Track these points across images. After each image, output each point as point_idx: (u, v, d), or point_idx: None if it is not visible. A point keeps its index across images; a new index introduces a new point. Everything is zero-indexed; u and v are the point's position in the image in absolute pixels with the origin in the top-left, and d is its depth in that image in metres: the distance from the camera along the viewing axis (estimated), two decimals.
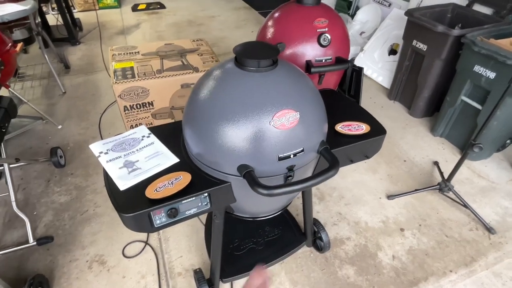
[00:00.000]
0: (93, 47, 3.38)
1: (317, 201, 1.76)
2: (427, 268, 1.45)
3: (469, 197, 1.76)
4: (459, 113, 2.05)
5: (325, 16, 1.31)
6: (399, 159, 2.04)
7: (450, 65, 2.06)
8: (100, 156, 0.93)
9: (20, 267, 1.41)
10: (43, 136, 2.17)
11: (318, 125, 0.86)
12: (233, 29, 3.88)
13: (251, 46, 0.85)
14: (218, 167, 0.83)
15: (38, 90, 2.64)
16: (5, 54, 1.70)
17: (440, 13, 2.29)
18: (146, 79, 1.66)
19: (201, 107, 0.81)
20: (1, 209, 1.66)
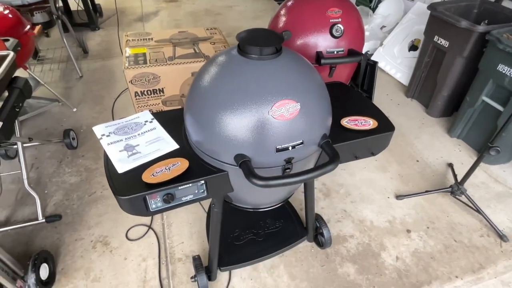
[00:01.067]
0: (112, 33, 3.42)
1: (323, 196, 1.73)
2: (431, 272, 1.41)
3: (483, 202, 1.69)
4: (479, 114, 1.96)
5: (339, 6, 1.26)
6: (412, 159, 1.98)
7: (473, 63, 1.96)
8: (102, 138, 0.94)
9: (28, 243, 1.47)
10: (58, 118, 2.23)
11: (321, 118, 0.84)
12: (250, 20, 3.84)
13: (256, 33, 0.83)
14: (216, 155, 0.82)
15: (56, 73, 2.70)
16: (23, 36, 1.74)
17: (466, 8, 2.18)
18: (158, 66, 1.67)
19: (200, 94, 0.80)
20: (14, 186, 1.72)
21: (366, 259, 1.45)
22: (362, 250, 1.48)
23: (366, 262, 1.44)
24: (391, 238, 1.54)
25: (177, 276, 1.36)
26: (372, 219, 1.62)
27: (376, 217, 1.63)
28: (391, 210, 1.67)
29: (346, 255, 1.46)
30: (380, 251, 1.48)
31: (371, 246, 1.50)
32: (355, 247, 1.49)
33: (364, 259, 1.45)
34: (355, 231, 1.56)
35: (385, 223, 1.61)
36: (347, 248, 1.49)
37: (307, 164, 0.90)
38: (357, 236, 1.54)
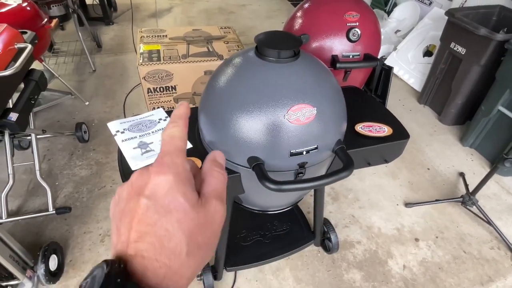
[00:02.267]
0: (125, 28, 3.45)
1: (331, 201, 1.72)
2: (439, 282, 1.39)
3: (494, 214, 1.66)
4: (494, 124, 1.92)
5: (356, 10, 1.25)
6: (423, 167, 1.95)
7: (489, 71, 1.93)
8: (116, 134, 0.95)
9: (39, 233, 1.49)
10: (70, 111, 2.25)
11: (336, 123, 0.83)
12: (263, 19, 3.83)
13: (274, 36, 0.82)
14: (229, 156, 0.82)
15: (70, 66, 2.74)
16: (40, 29, 1.76)
17: (484, 15, 2.14)
18: (171, 63, 1.67)
19: (216, 94, 0.80)
20: (26, 176, 1.75)
21: (373, 266, 1.44)
22: (369, 257, 1.47)
23: (372, 269, 1.43)
24: (398, 246, 1.52)
25: None
26: (380, 226, 1.61)
27: (384, 224, 1.61)
28: (400, 218, 1.65)
29: (352, 261, 1.45)
30: (387, 259, 1.47)
31: (378, 253, 1.49)
32: (362, 254, 1.48)
33: (371, 266, 1.43)
34: (362, 237, 1.55)
35: (393, 230, 1.59)
36: (354, 254, 1.48)
37: (319, 170, 0.89)
38: (365, 242, 1.53)
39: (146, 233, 0.26)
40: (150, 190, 0.27)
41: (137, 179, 0.29)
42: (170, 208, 0.27)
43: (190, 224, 0.27)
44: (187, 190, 0.28)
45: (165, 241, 0.26)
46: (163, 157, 0.29)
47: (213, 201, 0.30)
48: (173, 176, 0.28)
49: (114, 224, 0.28)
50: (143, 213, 0.26)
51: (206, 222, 0.28)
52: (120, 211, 0.28)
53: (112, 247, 0.27)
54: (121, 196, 0.29)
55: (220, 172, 0.33)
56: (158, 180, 0.27)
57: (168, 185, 0.27)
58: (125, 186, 0.29)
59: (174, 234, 0.26)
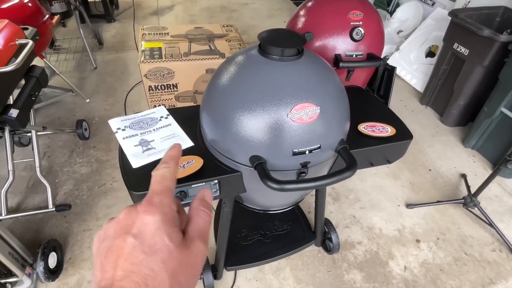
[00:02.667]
0: (127, 26, 3.44)
1: (332, 201, 1.71)
2: (440, 284, 1.38)
3: (496, 216, 1.65)
4: (496, 126, 1.91)
5: (360, 9, 1.24)
6: (424, 168, 1.94)
7: (492, 73, 1.92)
8: (117, 132, 0.94)
9: (38, 230, 1.48)
10: (71, 108, 2.25)
11: (339, 123, 0.82)
12: (265, 18, 3.82)
13: (277, 34, 0.81)
14: (231, 155, 0.81)
15: (71, 63, 2.73)
16: (42, 25, 1.75)
17: (487, 16, 2.13)
18: (173, 61, 1.66)
19: (218, 92, 0.79)
20: (26, 173, 1.74)
21: (374, 267, 1.43)
22: (369, 258, 1.46)
23: (373, 270, 1.42)
24: (399, 247, 1.52)
25: None
26: (381, 226, 1.60)
27: (385, 225, 1.61)
28: (401, 219, 1.64)
29: (353, 261, 1.44)
30: (388, 260, 1.46)
31: (379, 254, 1.48)
32: (362, 254, 1.47)
33: (372, 267, 1.43)
34: (363, 238, 1.54)
35: (394, 231, 1.58)
36: (354, 255, 1.47)
37: (322, 169, 0.89)
38: (365, 243, 1.52)
39: (132, 272, 0.27)
40: (137, 229, 0.29)
41: (125, 217, 0.30)
42: (156, 248, 0.28)
43: (174, 264, 0.28)
44: (173, 231, 0.30)
45: (150, 280, 0.27)
46: (152, 197, 0.31)
47: (197, 242, 0.32)
48: (161, 217, 0.29)
49: (98, 260, 0.29)
50: (130, 252, 0.28)
51: (189, 262, 0.30)
52: (105, 247, 0.29)
53: (95, 282, 0.28)
54: (108, 233, 0.30)
55: (206, 212, 0.35)
56: (146, 220, 0.29)
57: (156, 225, 0.29)
58: (112, 223, 0.30)
59: (159, 274, 0.27)
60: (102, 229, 0.31)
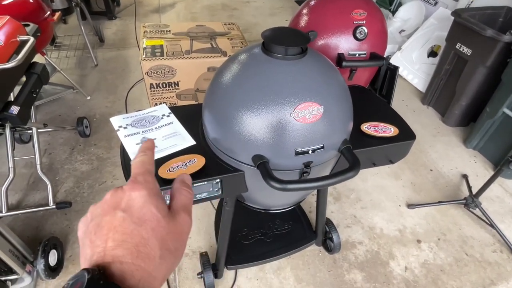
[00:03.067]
0: (128, 23, 3.43)
1: (333, 200, 1.71)
2: (441, 285, 1.38)
3: (497, 217, 1.65)
4: (498, 126, 1.91)
5: (364, 8, 1.23)
6: (425, 168, 1.94)
7: (495, 73, 1.91)
8: (119, 130, 0.93)
9: (38, 228, 1.48)
10: (72, 105, 2.24)
11: (343, 123, 0.82)
12: (267, 16, 3.80)
13: (281, 32, 0.80)
14: (233, 154, 0.80)
15: (72, 60, 2.72)
16: (43, 22, 1.75)
17: (491, 16, 2.12)
18: (174, 59, 1.66)
19: (221, 91, 0.79)
20: (27, 170, 1.74)
21: (374, 267, 1.43)
22: (370, 258, 1.46)
23: (374, 270, 1.42)
24: (400, 247, 1.51)
25: (183, 271, 1.36)
26: (382, 226, 1.60)
27: (386, 225, 1.60)
28: (402, 219, 1.64)
29: (354, 261, 1.44)
30: (389, 260, 1.46)
31: (379, 254, 1.48)
32: (363, 254, 1.47)
33: (372, 267, 1.43)
34: (364, 237, 1.54)
35: (395, 231, 1.58)
36: (355, 255, 1.47)
37: (324, 169, 0.88)
38: (366, 243, 1.52)
39: (123, 240, 0.28)
40: (126, 204, 0.31)
41: (111, 196, 0.32)
42: (145, 218, 0.30)
43: (162, 231, 0.31)
44: (159, 203, 0.32)
45: (141, 247, 0.29)
46: (136, 177, 0.33)
47: (182, 214, 0.34)
48: (147, 191, 0.32)
49: (87, 239, 0.30)
50: (120, 224, 0.29)
51: (176, 230, 0.32)
52: (94, 225, 0.30)
53: (85, 260, 0.29)
54: (95, 213, 0.31)
55: (188, 190, 0.38)
56: (133, 195, 0.31)
57: (143, 199, 0.31)
58: (99, 204, 0.32)
59: (149, 240, 0.29)
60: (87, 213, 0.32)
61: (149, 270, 0.28)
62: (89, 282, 0.24)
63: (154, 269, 0.29)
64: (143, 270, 0.28)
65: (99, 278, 0.25)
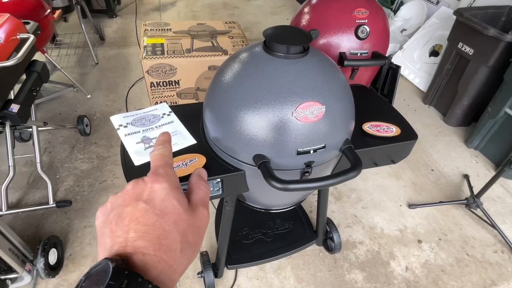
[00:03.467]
0: (129, 21, 3.42)
1: (333, 200, 1.70)
2: (441, 285, 1.37)
3: (498, 217, 1.64)
4: (500, 126, 1.90)
5: (366, 7, 1.22)
6: (427, 168, 1.93)
7: (497, 73, 1.90)
8: (119, 129, 0.93)
9: (39, 226, 1.48)
10: (72, 103, 2.24)
11: (344, 122, 0.81)
12: (268, 15, 3.79)
13: (283, 31, 0.80)
14: (234, 153, 0.80)
15: (72, 59, 2.71)
16: (43, 20, 1.74)
17: (493, 15, 2.11)
18: (175, 57, 1.65)
19: (222, 90, 0.78)
20: (26, 169, 1.73)
21: (375, 267, 1.42)
22: (371, 258, 1.46)
23: (374, 270, 1.41)
24: (401, 247, 1.51)
25: None
26: (383, 226, 1.59)
27: (387, 225, 1.60)
28: (403, 219, 1.63)
29: (354, 261, 1.44)
30: (390, 260, 1.45)
31: (380, 254, 1.47)
32: (364, 254, 1.47)
33: (373, 267, 1.42)
34: (365, 237, 1.54)
35: (396, 231, 1.58)
36: (356, 255, 1.46)
37: (326, 169, 0.88)
38: (367, 243, 1.51)
39: (145, 232, 0.28)
40: (147, 196, 0.31)
41: (133, 187, 0.32)
42: (167, 211, 0.30)
43: (183, 225, 0.31)
44: (180, 196, 0.32)
45: (163, 239, 0.28)
46: (157, 169, 0.34)
47: (200, 208, 0.35)
48: (168, 184, 0.32)
49: (107, 229, 0.30)
50: (142, 215, 0.29)
51: (195, 224, 0.33)
52: (115, 215, 0.30)
53: (105, 249, 0.29)
54: (115, 203, 0.31)
55: (205, 185, 0.38)
56: (155, 187, 0.31)
57: (165, 191, 0.31)
58: (120, 194, 0.32)
59: (170, 233, 0.29)
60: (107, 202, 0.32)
61: (170, 263, 0.28)
62: (114, 272, 0.24)
63: (175, 261, 0.29)
64: (165, 262, 0.28)
65: (123, 268, 0.25)
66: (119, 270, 0.24)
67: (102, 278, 0.24)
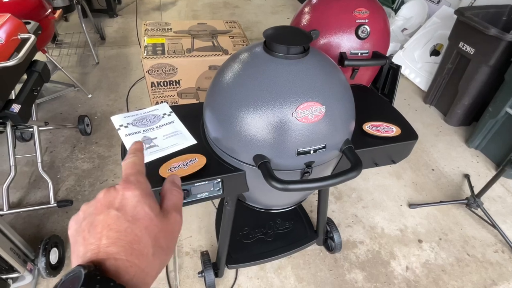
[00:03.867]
0: (129, 21, 3.42)
1: (334, 200, 1.70)
2: (442, 285, 1.38)
3: (499, 217, 1.64)
4: (501, 126, 1.90)
5: (366, 7, 1.22)
6: (427, 167, 1.93)
7: (498, 72, 1.90)
8: (120, 129, 0.93)
9: (40, 226, 1.48)
10: (73, 103, 2.24)
11: (345, 123, 0.81)
12: (269, 14, 3.79)
13: (283, 31, 0.80)
14: (234, 154, 0.80)
15: (73, 58, 2.72)
16: (44, 19, 1.74)
17: (494, 14, 2.10)
18: (175, 57, 1.65)
19: (222, 90, 0.78)
20: (28, 168, 1.74)
21: (375, 266, 1.42)
22: (371, 257, 1.46)
23: (375, 270, 1.41)
24: (401, 247, 1.51)
25: (184, 270, 1.36)
26: (383, 226, 1.59)
27: (387, 225, 1.60)
28: (403, 219, 1.64)
29: (355, 261, 1.44)
30: (390, 260, 1.45)
31: (381, 254, 1.48)
32: (364, 254, 1.47)
33: (373, 267, 1.42)
34: (365, 237, 1.54)
35: (396, 231, 1.58)
36: (356, 254, 1.46)
37: (326, 169, 0.88)
38: (367, 242, 1.52)
39: (118, 238, 0.29)
40: (119, 203, 0.31)
41: (105, 195, 0.33)
42: (138, 217, 0.31)
43: (155, 229, 0.32)
44: (151, 202, 0.33)
45: (135, 244, 0.29)
46: (128, 177, 0.34)
47: (173, 213, 0.35)
48: (139, 192, 0.33)
49: (79, 237, 0.30)
50: (114, 222, 0.30)
51: (167, 229, 0.34)
52: (87, 224, 0.31)
53: (78, 257, 0.29)
54: (88, 212, 0.32)
55: (178, 191, 0.39)
56: (126, 195, 0.32)
57: (136, 198, 0.32)
58: (92, 203, 0.33)
59: (142, 238, 0.30)
60: (79, 212, 0.33)
61: (142, 267, 0.29)
62: (86, 277, 0.25)
63: (147, 265, 0.30)
64: (137, 267, 0.29)
65: (95, 273, 0.26)
66: (91, 276, 0.25)
67: (75, 284, 0.25)
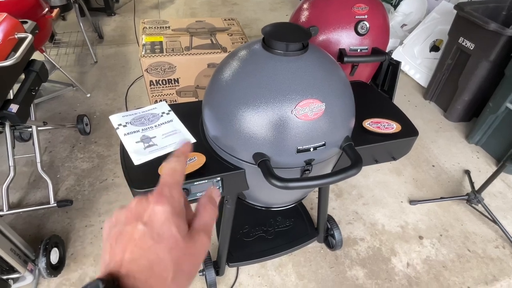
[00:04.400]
0: (127, 19, 3.41)
1: (334, 197, 1.70)
2: (443, 281, 1.38)
3: (499, 212, 1.64)
4: (501, 122, 1.89)
5: (365, 2, 1.21)
6: (428, 164, 1.93)
7: (498, 68, 1.89)
8: (118, 128, 0.93)
9: (40, 226, 1.48)
10: (72, 103, 2.23)
11: (345, 120, 0.80)
12: (267, 11, 3.77)
13: (282, 28, 0.79)
14: (234, 152, 0.80)
15: (71, 58, 2.71)
16: (41, 18, 1.73)
17: (494, 9, 2.09)
18: (174, 55, 1.64)
19: (221, 88, 0.78)
20: (27, 168, 1.73)
21: (376, 263, 1.42)
22: (372, 254, 1.46)
23: (376, 266, 1.41)
24: (402, 243, 1.51)
25: None
26: (384, 223, 1.59)
27: (388, 221, 1.60)
28: (404, 215, 1.63)
29: (355, 258, 1.44)
30: (391, 256, 1.45)
31: (381, 250, 1.48)
32: (365, 251, 1.47)
33: (374, 264, 1.42)
34: (366, 234, 1.54)
35: (397, 228, 1.58)
36: (357, 251, 1.46)
37: (326, 167, 0.87)
38: (368, 239, 1.52)
39: (140, 255, 0.29)
40: (148, 218, 0.31)
41: (136, 205, 0.32)
42: (164, 237, 0.30)
43: (179, 253, 0.31)
44: (180, 223, 0.32)
45: (155, 266, 0.29)
46: (163, 189, 0.33)
47: (201, 234, 0.34)
48: (170, 208, 0.31)
49: (108, 243, 0.30)
50: (139, 237, 0.29)
51: (192, 252, 0.32)
52: (116, 232, 0.31)
53: (104, 264, 0.29)
54: (119, 219, 0.32)
55: (213, 208, 0.37)
56: (156, 209, 0.31)
57: (165, 215, 0.31)
58: (124, 210, 0.32)
59: (164, 260, 0.29)
60: (113, 216, 0.33)
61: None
62: None
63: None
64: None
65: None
66: None
67: None
